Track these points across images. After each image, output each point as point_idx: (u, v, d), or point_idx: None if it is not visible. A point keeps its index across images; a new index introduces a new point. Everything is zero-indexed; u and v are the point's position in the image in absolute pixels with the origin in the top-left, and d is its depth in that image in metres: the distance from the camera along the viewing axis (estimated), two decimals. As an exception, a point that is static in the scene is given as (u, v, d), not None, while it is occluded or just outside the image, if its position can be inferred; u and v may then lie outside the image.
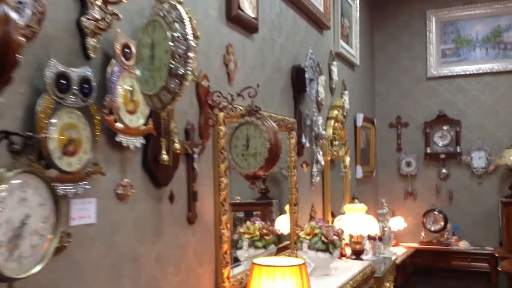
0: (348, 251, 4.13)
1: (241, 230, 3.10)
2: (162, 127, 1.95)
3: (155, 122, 1.92)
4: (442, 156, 5.98)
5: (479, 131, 5.92)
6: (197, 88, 2.30)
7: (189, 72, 1.45)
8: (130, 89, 1.79)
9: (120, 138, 1.75)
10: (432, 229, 5.90)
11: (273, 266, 2.23)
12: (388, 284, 4.09)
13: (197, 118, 2.30)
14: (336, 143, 4.41)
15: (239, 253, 3.04)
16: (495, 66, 5.84)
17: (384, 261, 4.51)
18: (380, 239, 4.64)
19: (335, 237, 3.03)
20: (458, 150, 5.92)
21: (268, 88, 3.15)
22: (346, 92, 4.89)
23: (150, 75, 1.57)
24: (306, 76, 3.51)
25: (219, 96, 2.33)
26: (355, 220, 3.84)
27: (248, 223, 3.12)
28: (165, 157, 1.91)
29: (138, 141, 1.85)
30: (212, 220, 2.38)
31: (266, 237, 3.13)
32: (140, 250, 1.87)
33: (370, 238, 4.63)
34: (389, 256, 4.90)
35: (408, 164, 6.19)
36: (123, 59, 1.75)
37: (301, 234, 3.07)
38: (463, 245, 5.70)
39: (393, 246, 5.68)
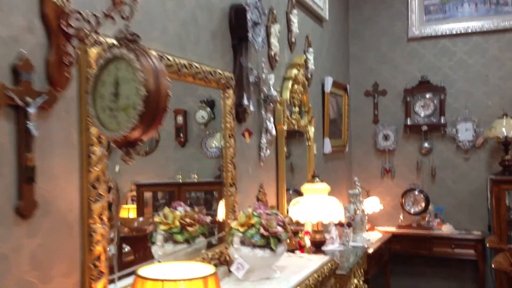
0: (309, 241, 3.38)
1: (156, 219, 2.34)
2: None
3: None
4: (424, 128, 5.22)
5: (466, 99, 5.17)
6: (42, 5, 1.47)
7: None
8: None
9: None
10: (412, 211, 5.18)
11: (161, 280, 1.45)
12: (356, 281, 3.36)
13: (42, 52, 1.48)
14: (296, 109, 3.62)
15: (154, 250, 2.31)
16: (486, 24, 5.06)
17: (353, 252, 3.78)
18: (349, 225, 3.89)
19: (279, 229, 2.25)
20: (442, 121, 5.17)
21: (189, 29, 2.32)
22: (311, 49, 4.08)
23: None
24: (248, 17, 2.69)
25: (80, 20, 1.50)
26: (314, 204, 3.07)
27: (166, 209, 2.36)
28: None
29: None
30: (75, 211, 1.57)
31: (190, 229, 2.36)
32: None
33: (337, 224, 3.89)
34: (361, 244, 4.17)
35: (386, 137, 5.44)
36: None
37: (234, 224, 2.29)
38: (446, 229, 4.99)
39: (367, 231, 4.98)
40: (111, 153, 1.73)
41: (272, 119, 3.07)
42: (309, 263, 2.62)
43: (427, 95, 5.25)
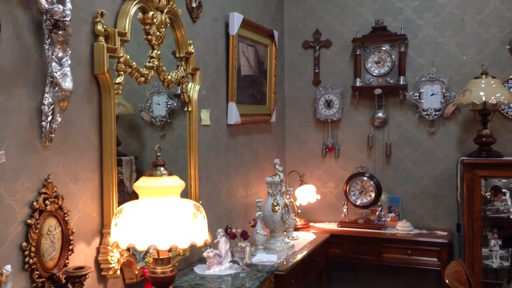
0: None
1: None
2: None
3: None
4: (378, 91, 3.88)
5: (434, 52, 3.82)
6: None
7: None
8: None
9: None
10: (358, 202, 3.88)
11: None
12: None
13: None
14: (154, 52, 2.22)
15: None
16: (463, -52, 3.69)
17: (250, 275, 2.46)
18: (245, 236, 2.55)
19: None
20: (402, 82, 3.83)
21: None
22: (197, -36, 2.65)
23: None
24: None
25: None
26: (147, 215, 1.69)
27: None
28: None
29: None
30: None
31: None
32: None
33: (228, 234, 2.57)
34: (272, 258, 2.86)
35: (329, 104, 4.08)
36: None
37: None
38: (402, 227, 3.70)
39: (300, 229, 3.73)
40: None
41: (68, 61, 1.66)
42: None
43: (383, 47, 3.88)
